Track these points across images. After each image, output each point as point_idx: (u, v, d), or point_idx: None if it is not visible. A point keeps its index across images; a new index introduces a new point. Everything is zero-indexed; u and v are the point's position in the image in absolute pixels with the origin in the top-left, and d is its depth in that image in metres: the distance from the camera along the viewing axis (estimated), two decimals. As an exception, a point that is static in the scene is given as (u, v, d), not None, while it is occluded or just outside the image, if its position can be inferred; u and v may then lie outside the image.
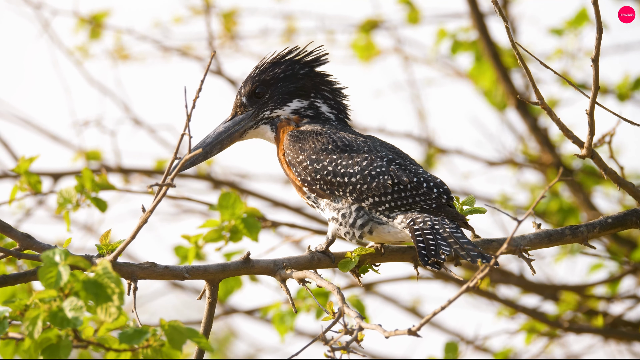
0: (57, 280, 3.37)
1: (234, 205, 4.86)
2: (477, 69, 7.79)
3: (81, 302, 3.34)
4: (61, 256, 3.39)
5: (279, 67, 4.40)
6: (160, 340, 3.41)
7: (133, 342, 3.36)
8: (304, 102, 4.39)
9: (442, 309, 3.38)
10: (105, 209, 5.05)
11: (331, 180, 4.14)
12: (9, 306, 3.47)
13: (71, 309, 3.35)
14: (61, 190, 5.01)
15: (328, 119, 4.37)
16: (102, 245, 3.91)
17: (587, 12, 7.62)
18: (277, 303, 5.94)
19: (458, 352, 6.24)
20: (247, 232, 4.87)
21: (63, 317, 3.34)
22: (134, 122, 7.03)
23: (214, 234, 4.90)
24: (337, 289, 3.81)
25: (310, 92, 4.38)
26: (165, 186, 3.60)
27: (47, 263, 3.39)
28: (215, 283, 4.01)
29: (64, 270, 3.38)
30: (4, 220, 3.82)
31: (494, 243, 4.18)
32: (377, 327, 3.56)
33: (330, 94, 4.39)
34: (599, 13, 4.04)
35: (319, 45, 4.43)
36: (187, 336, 3.41)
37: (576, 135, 4.21)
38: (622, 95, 7.53)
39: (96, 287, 3.35)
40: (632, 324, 6.97)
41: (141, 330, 3.39)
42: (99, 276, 3.37)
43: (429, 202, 4.06)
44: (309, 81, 4.39)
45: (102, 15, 7.85)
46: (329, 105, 4.38)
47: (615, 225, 4.27)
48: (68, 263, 3.39)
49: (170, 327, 3.43)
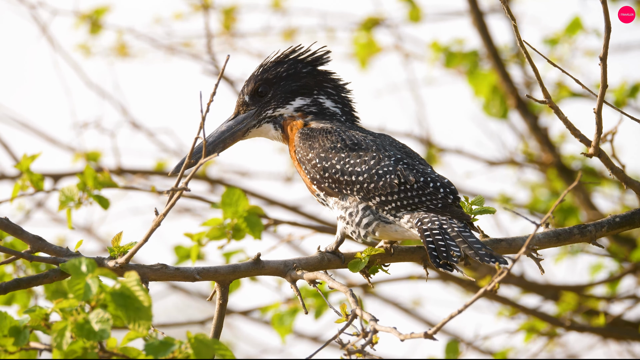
0: (85, 292, 3.31)
1: (238, 202, 4.83)
2: (473, 80, 7.80)
3: (107, 314, 3.29)
4: (88, 267, 3.33)
5: (281, 66, 4.39)
6: (185, 353, 3.36)
7: (159, 354, 3.31)
8: (307, 100, 4.38)
9: (459, 312, 3.35)
10: (108, 207, 5.02)
11: (339, 179, 4.14)
12: (29, 315, 3.42)
13: (98, 321, 3.30)
14: (63, 188, 4.98)
15: (334, 114, 4.36)
16: (113, 248, 3.86)
17: (580, 20, 7.63)
18: (276, 303, 5.91)
19: (459, 351, 6.22)
20: (249, 230, 4.84)
21: (90, 329, 3.29)
22: (132, 125, 7.01)
23: (216, 232, 4.87)
24: (350, 291, 3.78)
25: (313, 90, 4.38)
26: (179, 190, 3.57)
27: (75, 274, 3.33)
28: (226, 284, 3.98)
29: (92, 282, 3.33)
30: (14, 223, 3.78)
31: (502, 243, 4.15)
32: (392, 330, 3.52)
33: (333, 90, 4.39)
34: (607, 11, 4.02)
35: (322, 45, 4.42)
36: (214, 349, 3.35)
37: (583, 133, 4.19)
38: (619, 102, 7.53)
39: (124, 299, 3.31)
40: (632, 324, 6.97)
41: (167, 342, 3.33)
42: (127, 289, 3.32)
43: (435, 202, 4.04)
44: (312, 79, 4.38)
45: (102, 10, 7.83)
46: (332, 100, 4.38)
47: (623, 224, 4.25)
48: (96, 275, 3.34)
49: (197, 340, 3.38)
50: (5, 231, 3.76)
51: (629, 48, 7.92)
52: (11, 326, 3.41)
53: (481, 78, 7.78)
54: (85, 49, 7.86)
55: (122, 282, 3.32)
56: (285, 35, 8.25)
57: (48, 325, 3.41)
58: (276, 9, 8.28)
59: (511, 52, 7.80)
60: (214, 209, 4.90)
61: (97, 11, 7.82)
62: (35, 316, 3.42)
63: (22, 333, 3.42)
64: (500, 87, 7.58)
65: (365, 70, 8.30)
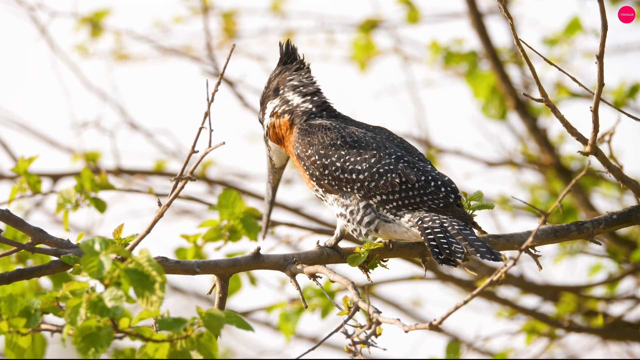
0: (99, 269, 3.35)
1: (234, 204, 4.84)
2: (472, 81, 7.81)
3: (121, 291, 3.31)
4: (101, 245, 3.37)
5: (267, 85, 4.41)
6: (198, 332, 3.38)
7: (172, 329, 3.34)
8: (274, 101, 4.36)
9: (465, 303, 3.35)
10: (105, 210, 5.04)
11: (339, 177, 4.13)
12: (39, 298, 3.45)
13: (111, 299, 3.33)
14: (61, 190, 5.00)
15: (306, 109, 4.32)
16: (115, 240, 3.88)
17: (579, 20, 7.64)
18: (282, 303, 5.92)
19: (460, 352, 6.23)
20: (245, 232, 4.86)
21: (103, 306, 3.33)
22: (130, 126, 7.02)
23: (213, 233, 4.88)
24: (352, 284, 3.77)
25: (279, 89, 4.36)
26: (184, 180, 3.58)
27: (88, 252, 3.36)
28: (226, 278, 4.00)
29: (106, 259, 3.36)
30: (15, 215, 3.80)
31: (500, 239, 4.16)
32: (395, 322, 3.51)
33: (296, 81, 4.36)
34: (603, 10, 4.03)
35: (286, 41, 4.41)
36: (224, 320, 3.38)
37: (579, 132, 4.20)
38: (618, 103, 7.54)
39: (138, 276, 3.34)
40: (632, 325, 6.97)
41: (179, 319, 3.37)
42: (140, 265, 3.35)
43: (437, 202, 4.04)
44: (278, 79, 4.38)
45: (102, 13, 7.84)
46: (299, 94, 4.34)
47: (620, 222, 4.25)
48: (110, 252, 3.37)
49: (208, 314, 3.42)
50: (7, 223, 3.79)
51: (629, 49, 7.94)
52: (22, 308, 3.44)
53: (480, 79, 7.79)
54: (83, 50, 7.87)
55: (136, 258, 3.35)
56: (285, 38, 8.26)
57: (61, 306, 3.44)
58: (275, 12, 8.30)
59: (510, 53, 7.81)
60: (212, 211, 4.91)
61: (97, 14, 7.83)
62: (46, 299, 3.45)
63: (33, 315, 3.45)
64: (499, 88, 7.59)
65: (365, 72, 8.32)
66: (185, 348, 3.38)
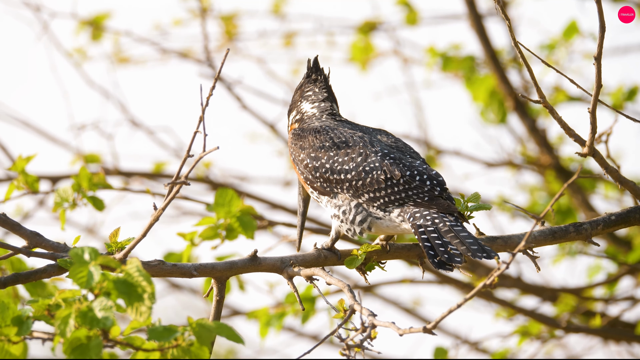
0: (88, 280, 3.34)
1: (231, 203, 4.83)
2: (471, 85, 7.82)
3: (111, 302, 3.31)
4: (91, 255, 3.36)
5: (291, 99, 4.51)
6: (189, 340, 3.38)
7: (162, 339, 3.32)
8: (293, 112, 4.44)
9: (459, 307, 3.36)
10: (103, 208, 5.02)
11: (329, 178, 4.15)
12: (31, 306, 3.44)
13: (101, 309, 3.33)
14: (58, 189, 4.99)
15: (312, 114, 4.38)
16: (111, 243, 3.88)
17: (577, 24, 7.65)
18: (264, 308, 5.93)
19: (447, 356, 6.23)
20: (242, 231, 4.85)
21: (93, 317, 3.31)
22: (131, 124, 7.02)
23: (209, 232, 4.87)
24: (348, 287, 3.77)
25: (298, 102, 4.42)
26: (178, 184, 3.58)
27: (78, 262, 3.36)
28: (223, 281, 3.99)
29: (95, 270, 3.35)
30: (12, 218, 3.80)
31: (498, 240, 4.16)
32: (390, 325, 3.51)
33: (311, 92, 4.41)
34: (601, 10, 4.04)
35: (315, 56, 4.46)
36: (215, 332, 3.37)
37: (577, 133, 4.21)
38: (616, 105, 7.55)
39: (127, 287, 3.33)
40: (631, 325, 6.98)
41: (170, 328, 3.35)
42: (129, 275, 3.35)
43: (421, 195, 4.05)
44: (299, 92, 4.45)
45: (102, 17, 7.85)
46: (309, 101, 4.41)
47: (618, 223, 4.25)
48: (99, 263, 3.37)
49: (198, 324, 3.40)
50: (3, 227, 3.78)
51: (629, 50, 7.94)
52: (14, 316, 3.44)
53: (479, 83, 7.80)
54: (82, 53, 7.88)
55: (125, 269, 3.34)
56: (285, 40, 8.27)
57: (52, 315, 3.43)
58: (276, 15, 8.31)
59: (509, 54, 7.82)
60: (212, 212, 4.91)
61: (97, 17, 7.84)
62: (38, 307, 3.44)
63: (25, 323, 3.44)
64: (499, 89, 7.60)
65: (365, 74, 8.33)
66: (176, 356, 3.37)
